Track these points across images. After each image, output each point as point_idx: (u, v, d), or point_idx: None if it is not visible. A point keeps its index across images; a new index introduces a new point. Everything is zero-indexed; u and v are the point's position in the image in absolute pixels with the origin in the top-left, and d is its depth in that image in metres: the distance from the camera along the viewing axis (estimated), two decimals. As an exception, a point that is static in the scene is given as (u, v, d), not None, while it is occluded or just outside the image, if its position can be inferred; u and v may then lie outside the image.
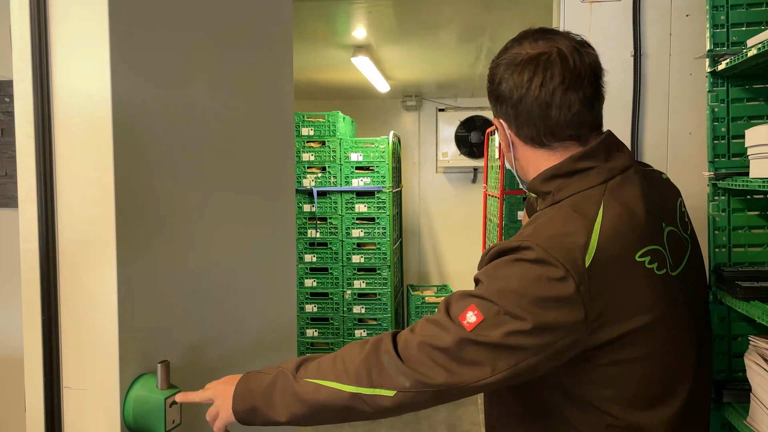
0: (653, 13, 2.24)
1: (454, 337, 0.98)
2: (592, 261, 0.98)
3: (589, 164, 1.08)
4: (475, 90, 5.67)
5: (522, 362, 0.97)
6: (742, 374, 1.60)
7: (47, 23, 1.05)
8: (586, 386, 1.04)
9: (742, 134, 1.55)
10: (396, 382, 1.00)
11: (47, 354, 1.08)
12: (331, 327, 4.52)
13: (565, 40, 1.09)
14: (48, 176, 1.07)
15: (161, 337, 1.22)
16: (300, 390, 1.05)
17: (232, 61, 1.46)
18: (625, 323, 1.00)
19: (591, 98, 1.09)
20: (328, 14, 3.28)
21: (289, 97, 1.80)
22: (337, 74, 4.83)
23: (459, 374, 0.98)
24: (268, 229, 1.68)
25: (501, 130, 1.15)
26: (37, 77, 1.04)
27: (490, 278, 1.01)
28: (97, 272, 1.08)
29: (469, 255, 5.62)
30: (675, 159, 2.25)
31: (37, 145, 1.06)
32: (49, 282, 1.07)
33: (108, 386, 1.09)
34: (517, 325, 0.96)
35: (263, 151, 1.64)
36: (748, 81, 1.62)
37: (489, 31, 3.61)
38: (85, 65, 1.06)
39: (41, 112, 1.05)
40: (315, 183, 4.45)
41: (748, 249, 1.64)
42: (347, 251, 4.48)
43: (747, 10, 1.59)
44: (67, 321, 1.09)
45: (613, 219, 1.02)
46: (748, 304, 1.39)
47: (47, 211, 1.07)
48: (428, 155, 6.07)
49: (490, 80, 1.15)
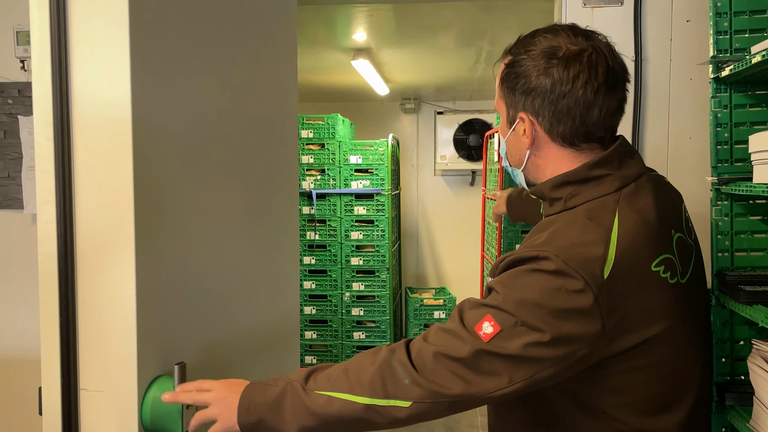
0: (654, 19, 2.25)
1: (471, 348, 0.97)
2: (610, 273, 0.97)
3: (603, 172, 1.07)
4: (473, 93, 5.68)
5: (539, 373, 0.97)
6: (744, 377, 1.61)
7: (66, 26, 1.06)
8: (599, 393, 1.04)
9: (745, 140, 1.56)
10: (411, 393, 0.98)
11: (65, 356, 1.08)
12: (330, 329, 4.53)
13: (599, 39, 1.07)
14: (67, 178, 1.07)
15: (177, 338, 1.22)
16: (310, 403, 1.03)
17: (240, 63, 1.47)
18: (640, 333, 1.00)
19: (623, 100, 1.09)
20: (328, 18, 3.29)
21: (293, 100, 1.81)
22: (337, 77, 4.84)
23: (476, 384, 0.97)
24: (273, 230, 1.69)
25: (527, 124, 1.10)
26: (56, 79, 1.05)
27: (506, 288, 0.99)
28: (116, 273, 1.09)
29: (467, 258, 5.63)
30: (675, 163, 2.27)
31: (56, 147, 1.06)
32: (66, 284, 1.07)
33: (126, 388, 1.10)
34: (536, 336, 0.95)
35: (269, 153, 1.65)
36: (751, 87, 1.63)
37: (489, 35, 3.62)
38: (105, 68, 1.07)
39: (60, 114, 1.06)
40: (314, 185, 4.46)
41: (751, 253, 1.65)
42: (346, 253, 4.48)
43: (750, 17, 1.61)
44: (85, 323, 1.10)
45: (629, 229, 1.02)
46: (751, 308, 1.40)
47: (65, 213, 1.07)
48: (427, 158, 6.08)
49: (517, 72, 1.08)
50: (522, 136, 1.12)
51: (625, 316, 0.98)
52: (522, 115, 1.10)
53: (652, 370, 1.03)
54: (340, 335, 4.52)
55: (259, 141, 1.58)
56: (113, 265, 1.09)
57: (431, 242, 6.14)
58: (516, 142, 1.14)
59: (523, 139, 1.12)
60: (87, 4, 1.06)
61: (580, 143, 1.08)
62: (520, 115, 1.11)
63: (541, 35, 1.08)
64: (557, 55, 1.05)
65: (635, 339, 1.00)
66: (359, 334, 4.52)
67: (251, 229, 1.54)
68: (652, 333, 1.01)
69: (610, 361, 1.01)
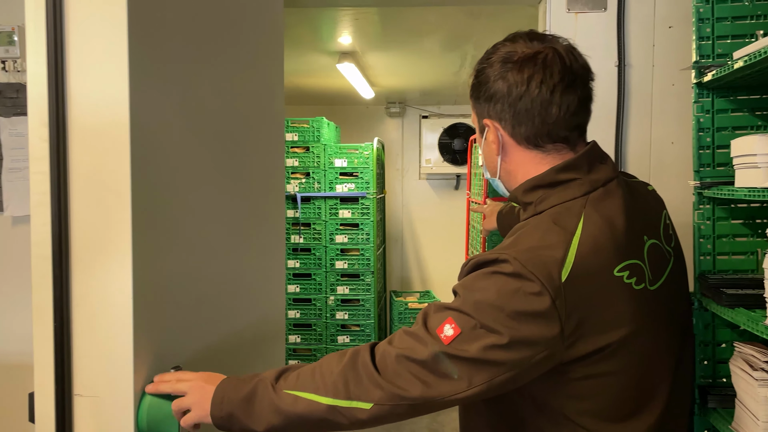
0: (637, 24, 2.28)
1: (431, 351, 0.98)
2: (568, 276, 0.97)
3: (571, 176, 1.08)
4: (458, 97, 5.70)
5: (498, 376, 0.97)
6: (726, 380, 1.63)
7: (63, 25, 1.04)
8: (561, 399, 1.04)
9: (727, 144, 1.58)
10: (372, 395, 1.00)
11: (59, 360, 1.06)
12: (314, 333, 4.51)
13: (557, 42, 1.10)
14: (62, 180, 1.05)
15: (172, 341, 1.21)
16: (278, 401, 1.04)
17: (231, 67, 1.47)
18: (600, 338, 1.00)
19: (586, 99, 1.10)
20: (313, 21, 3.29)
21: (280, 103, 1.81)
22: (322, 80, 4.84)
23: (435, 387, 0.98)
24: (262, 233, 1.69)
25: (492, 130, 1.13)
26: (52, 80, 1.03)
27: (467, 290, 1.01)
28: (112, 277, 1.08)
29: (452, 261, 5.64)
30: (658, 167, 2.29)
31: (51, 149, 1.05)
32: (61, 287, 1.06)
33: (121, 393, 1.09)
34: (494, 339, 0.96)
35: (258, 156, 1.65)
36: (733, 92, 1.65)
37: (473, 40, 3.63)
38: (103, 68, 1.06)
39: (56, 114, 1.04)
40: (299, 188, 4.44)
41: (732, 257, 1.67)
42: (331, 257, 4.47)
43: (732, 23, 1.63)
44: (80, 327, 1.08)
45: (593, 233, 1.02)
46: (732, 311, 1.42)
47: (60, 216, 1.05)
48: (411, 162, 6.09)
49: (480, 80, 1.12)
50: (491, 143, 1.14)
51: (584, 320, 0.98)
52: (487, 122, 1.13)
53: (614, 378, 1.03)
54: (325, 339, 4.50)
55: (249, 144, 1.58)
56: (110, 267, 1.07)
57: (416, 246, 6.15)
58: (488, 151, 1.16)
59: (492, 146, 1.14)
60: (85, 4, 1.05)
61: (544, 144, 1.10)
62: (485, 122, 1.14)
63: (501, 44, 1.12)
64: (512, 59, 1.08)
65: (595, 344, 0.99)
66: (344, 338, 4.51)
67: (242, 232, 1.54)
68: (613, 339, 1.00)
69: (570, 366, 1.01)
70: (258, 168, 1.64)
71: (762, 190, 1.29)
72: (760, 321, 1.28)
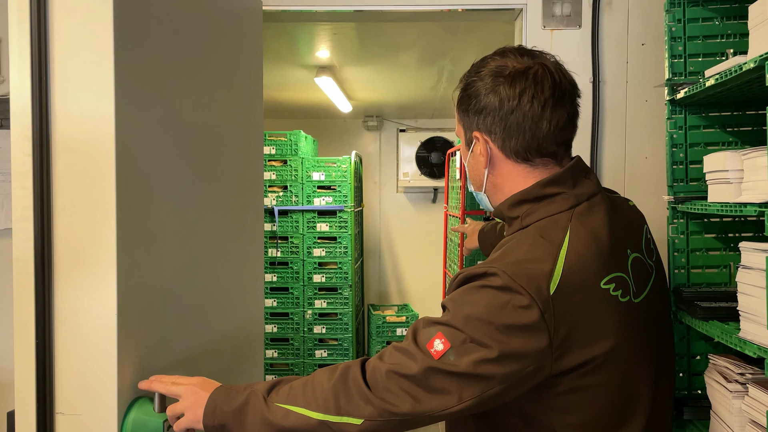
0: (611, 42, 2.32)
1: (421, 366, 0.98)
2: (556, 288, 0.98)
3: (556, 190, 1.09)
4: (435, 111, 5.74)
5: (488, 390, 0.98)
6: (702, 392, 1.65)
7: (47, 39, 1.03)
8: (548, 412, 1.05)
9: (700, 160, 1.62)
10: (363, 411, 1.00)
11: (40, 378, 1.04)
12: (291, 347, 4.48)
13: (546, 58, 1.12)
14: (45, 194, 1.04)
15: (155, 357, 1.20)
16: (270, 414, 1.04)
17: (211, 80, 1.47)
18: (587, 350, 1.01)
19: (574, 115, 1.12)
20: (292, 35, 3.29)
21: (259, 117, 1.82)
22: (300, 94, 4.84)
23: (425, 403, 0.98)
24: (242, 247, 1.69)
25: (481, 143, 1.13)
26: (36, 93, 1.02)
27: (456, 305, 1.01)
28: (96, 293, 1.06)
29: (430, 274, 5.65)
30: (632, 182, 2.32)
31: (34, 163, 1.03)
32: (44, 304, 1.04)
33: (105, 411, 1.07)
34: (484, 353, 0.96)
35: (238, 170, 1.65)
36: (705, 109, 1.69)
37: (450, 55, 3.67)
38: (89, 83, 1.05)
39: (40, 128, 1.03)
40: (276, 202, 4.43)
41: (706, 270, 1.70)
42: (308, 270, 4.45)
43: (703, 41, 1.67)
44: (62, 343, 1.07)
45: (579, 245, 1.03)
46: (707, 324, 1.44)
47: (44, 231, 1.04)
48: (389, 175, 6.10)
49: (469, 93, 1.13)
50: (479, 156, 1.15)
51: (572, 332, 0.99)
52: (476, 134, 1.14)
53: (600, 390, 1.04)
54: (302, 353, 4.47)
55: (229, 157, 1.58)
56: (93, 284, 1.06)
57: (393, 259, 6.15)
58: (475, 164, 1.17)
59: (480, 158, 1.15)
60: (69, 16, 1.04)
61: (533, 158, 1.11)
62: (474, 135, 1.14)
63: (490, 58, 1.13)
64: (504, 73, 1.09)
65: (583, 356, 1.01)
66: (321, 352, 4.48)
67: (222, 245, 1.53)
68: (600, 351, 1.01)
69: (557, 379, 1.01)
70: (238, 181, 1.64)
71: (734, 205, 1.31)
72: (733, 333, 1.30)
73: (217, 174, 1.50)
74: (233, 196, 1.61)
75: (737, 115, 1.68)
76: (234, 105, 1.61)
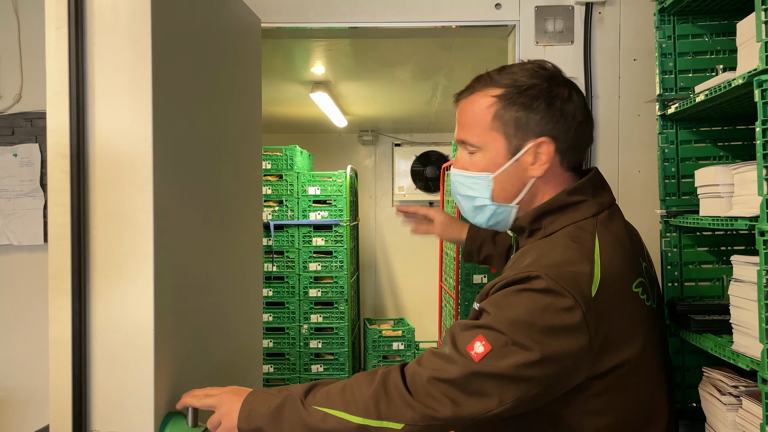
0: (603, 57, 2.34)
1: (462, 369, 0.99)
2: (597, 290, 1.00)
3: (580, 198, 1.11)
4: (430, 126, 5.76)
5: (529, 392, 0.99)
6: (696, 405, 1.65)
7: (84, 59, 1.04)
8: (577, 415, 1.06)
9: (691, 174, 1.63)
10: (404, 415, 1.01)
11: (77, 395, 1.05)
12: (287, 362, 4.46)
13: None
14: (83, 212, 1.05)
15: (187, 371, 1.21)
16: (308, 417, 1.05)
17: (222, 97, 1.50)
18: (621, 352, 1.03)
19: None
20: (288, 51, 3.32)
21: (258, 133, 1.84)
22: (296, 109, 4.86)
23: (466, 407, 0.99)
24: (244, 259, 1.71)
25: (544, 149, 1.10)
26: (74, 111, 1.03)
27: (496, 308, 1.02)
28: (134, 310, 1.07)
29: (425, 288, 5.64)
30: (626, 196, 2.34)
31: (72, 180, 1.04)
32: (80, 322, 1.05)
33: (142, 427, 1.07)
34: (526, 356, 0.97)
35: (242, 186, 1.68)
36: (696, 124, 1.71)
37: (445, 71, 3.70)
38: (127, 102, 1.06)
39: (78, 145, 1.04)
40: (272, 216, 4.43)
41: (699, 283, 1.71)
42: (304, 285, 4.45)
43: (693, 57, 1.69)
44: (99, 361, 1.07)
45: (609, 250, 1.06)
46: (701, 337, 1.45)
47: (81, 248, 1.04)
48: (385, 189, 6.12)
49: (531, 96, 1.08)
50: (530, 165, 1.11)
51: (608, 335, 1.01)
52: (543, 140, 1.10)
53: (630, 393, 1.06)
54: (298, 368, 4.45)
55: (234, 173, 1.61)
56: (131, 299, 1.07)
57: (389, 273, 6.14)
58: (517, 173, 1.13)
59: (530, 168, 1.12)
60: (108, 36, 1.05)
61: (574, 166, 1.15)
62: (538, 141, 1.10)
63: (528, 65, 1.12)
64: (565, 80, 1.12)
65: (616, 359, 1.02)
66: (317, 366, 4.47)
67: (230, 260, 1.56)
68: (631, 353, 1.04)
69: (592, 381, 1.03)
70: (240, 197, 1.66)
71: (725, 218, 1.33)
72: (727, 346, 1.31)
73: (224, 188, 1.52)
74: (237, 211, 1.63)
75: (728, 129, 1.70)
76: (238, 121, 1.63)
